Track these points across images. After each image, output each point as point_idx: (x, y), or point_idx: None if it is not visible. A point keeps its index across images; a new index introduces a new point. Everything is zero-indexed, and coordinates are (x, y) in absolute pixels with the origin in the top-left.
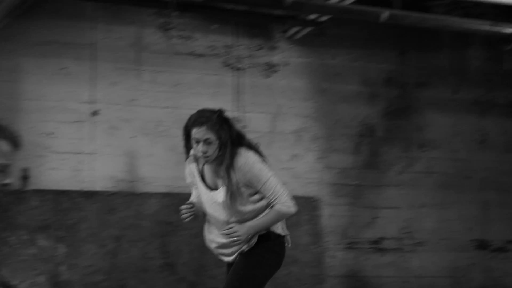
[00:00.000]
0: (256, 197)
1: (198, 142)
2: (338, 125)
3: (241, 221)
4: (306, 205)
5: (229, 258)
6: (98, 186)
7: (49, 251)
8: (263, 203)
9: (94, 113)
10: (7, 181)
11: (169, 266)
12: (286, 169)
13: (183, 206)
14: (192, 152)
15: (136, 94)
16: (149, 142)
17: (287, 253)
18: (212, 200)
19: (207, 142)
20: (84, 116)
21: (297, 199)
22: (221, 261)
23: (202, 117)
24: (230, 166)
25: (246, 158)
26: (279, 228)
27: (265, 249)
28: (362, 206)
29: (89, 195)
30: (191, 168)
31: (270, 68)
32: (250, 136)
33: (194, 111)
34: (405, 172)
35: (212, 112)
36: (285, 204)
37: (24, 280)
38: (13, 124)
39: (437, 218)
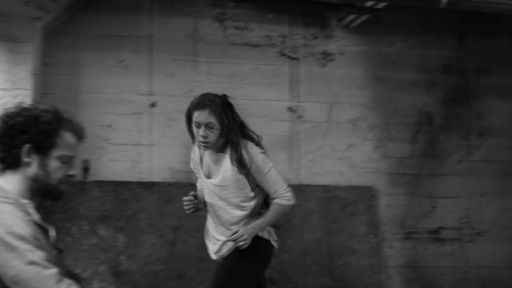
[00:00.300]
0: (252, 194)
1: (199, 126)
2: (396, 113)
3: (234, 218)
4: (363, 195)
5: (218, 255)
6: (156, 177)
7: (109, 241)
8: (258, 200)
9: (152, 105)
10: (71, 172)
11: None
12: (343, 159)
13: (185, 198)
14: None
15: (193, 85)
16: None
17: (344, 243)
18: (209, 188)
19: (208, 126)
20: (142, 108)
21: (354, 188)
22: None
23: (205, 100)
24: (231, 155)
25: (248, 148)
26: (266, 234)
27: (253, 252)
28: (420, 196)
29: (148, 186)
30: (195, 153)
31: (326, 57)
32: (306, 126)
33: (251, 101)
34: (464, 161)
35: (216, 96)
36: (285, 197)
37: (86, 269)
38: (74, 116)
39: (497, 208)
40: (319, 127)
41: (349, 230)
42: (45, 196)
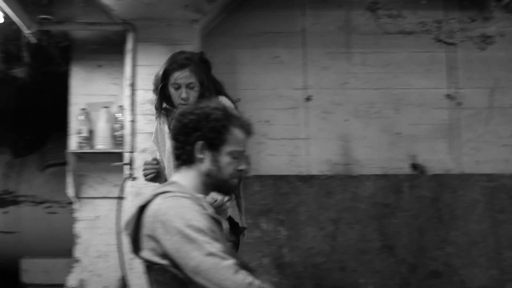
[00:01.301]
0: None
1: (178, 87)
2: None
3: None
4: None
5: None
6: (314, 170)
7: (271, 234)
8: None
9: (307, 99)
10: (241, 167)
11: (388, 248)
12: (507, 146)
13: (147, 161)
14: (164, 105)
15: (347, 77)
16: (362, 125)
17: None
18: None
19: (189, 87)
20: (298, 102)
21: None
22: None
23: (183, 59)
24: None
25: (224, 102)
26: (238, 218)
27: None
28: None
29: (306, 179)
30: (160, 123)
31: (485, 40)
32: (467, 113)
33: (407, 90)
34: None
35: (192, 53)
36: None
37: (250, 261)
38: (242, 113)
39: None
40: (480, 114)
41: None
42: (217, 191)
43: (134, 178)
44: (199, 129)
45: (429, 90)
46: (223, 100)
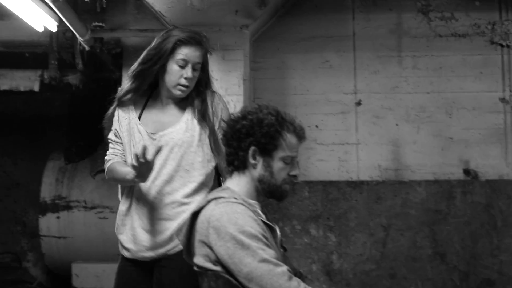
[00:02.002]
0: (210, 155)
1: (185, 65)
2: None
3: (189, 187)
4: None
5: (150, 254)
6: (364, 176)
7: (320, 240)
8: (213, 166)
9: (358, 103)
10: (294, 172)
11: (439, 255)
12: None
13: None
14: (129, 87)
15: (398, 81)
16: (413, 129)
17: None
18: (169, 145)
19: (195, 68)
20: (347, 107)
21: None
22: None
23: (199, 36)
24: (196, 106)
25: (220, 97)
26: None
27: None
28: None
29: (356, 184)
30: (123, 113)
31: None
32: None
33: (459, 94)
34: None
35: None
36: None
37: (300, 267)
38: (295, 118)
39: None
40: None
41: None
42: (270, 196)
43: None
44: (252, 134)
45: (483, 93)
46: (217, 94)
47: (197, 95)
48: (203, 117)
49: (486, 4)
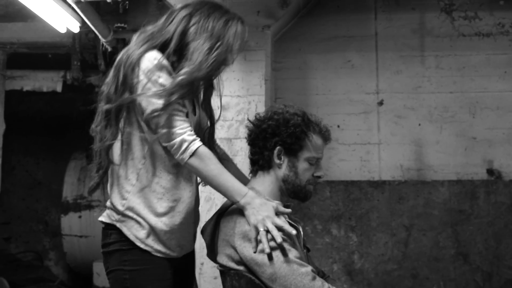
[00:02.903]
0: None
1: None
2: None
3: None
4: None
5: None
6: (385, 176)
7: (342, 240)
8: None
9: (380, 103)
10: (318, 173)
11: (462, 256)
12: None
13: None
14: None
15: (421, 81)
16: (435, 129)
17: None
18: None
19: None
20: (369, 107)
21: None
22: None
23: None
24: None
25: None
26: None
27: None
28: None
29: (378, 184)
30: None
31: None
32: None
33: (483, 94)
34: None
35: None
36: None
37: (321, 268)
38: (320, 119)
39: None
40: None
41: None
42: (293, 197)
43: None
44: (277, 134)
45: (507, 93)
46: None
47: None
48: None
49: (511, 3)
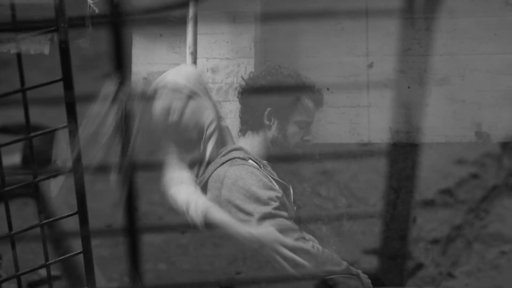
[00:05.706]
0: None
1: None
2: None
3: None
4: None
5: None
6: (375, 138)
7: (331, 202)
8: None
9: (369, 66)
10: (307, 137)
11: None
12: None
13: None
14: None
15: (411, 43)
16: (425, 92)
17: None
18: None
19: None
20: (359, 70)
21: None
22: None
23: None
24: None
25: None
26: None
27: None
28: None
29: (367, 147)
30: None
31: None
32: None
33: (473, 56)
34: None
35: None
36: None
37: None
38: (314, 82)
39: None
40: None
41: None
42: (281, 159)
43: None
44: (269, 95)
45: (497, 55)
46: None
47: None
48: None
49: None
